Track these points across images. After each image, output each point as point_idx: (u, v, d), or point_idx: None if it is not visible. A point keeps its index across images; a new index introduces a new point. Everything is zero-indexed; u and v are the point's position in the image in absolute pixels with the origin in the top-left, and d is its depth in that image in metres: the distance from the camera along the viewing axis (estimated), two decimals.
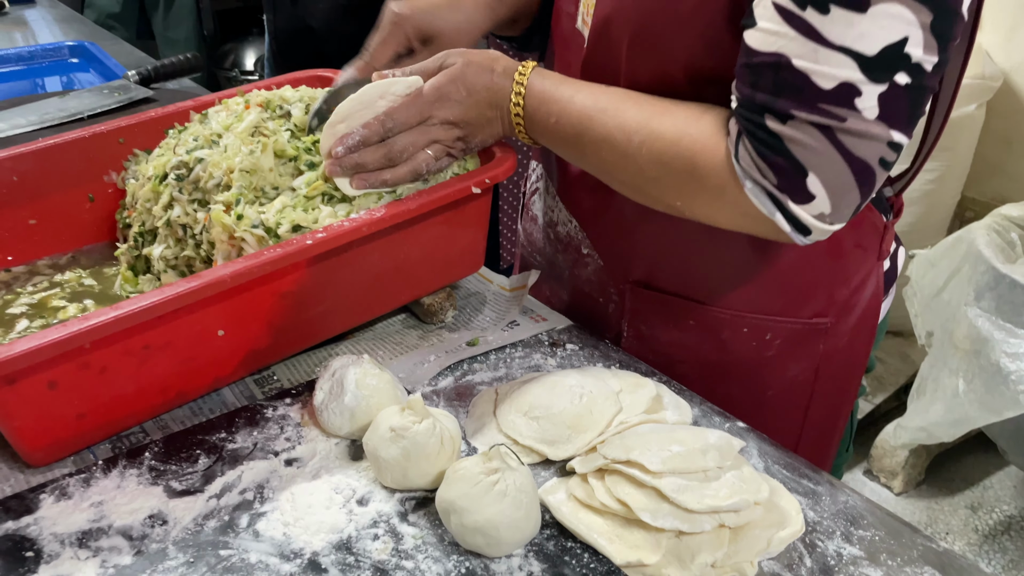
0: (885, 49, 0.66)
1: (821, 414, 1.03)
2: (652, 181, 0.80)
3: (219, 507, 0.74)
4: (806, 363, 0.98)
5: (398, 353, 0.96)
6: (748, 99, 0.73)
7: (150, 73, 1.64)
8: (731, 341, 0.96)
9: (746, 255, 0.92)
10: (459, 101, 0.86)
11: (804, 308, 0.95)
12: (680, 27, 0.80)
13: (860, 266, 0.95)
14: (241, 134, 0.95)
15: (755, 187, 0.74)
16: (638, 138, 0.80)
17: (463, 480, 0.69)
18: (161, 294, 0.75)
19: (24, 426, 0.75)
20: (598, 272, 1.04)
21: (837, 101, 0.68)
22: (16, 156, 1.02)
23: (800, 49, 0.68)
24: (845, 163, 0.71)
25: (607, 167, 0.85)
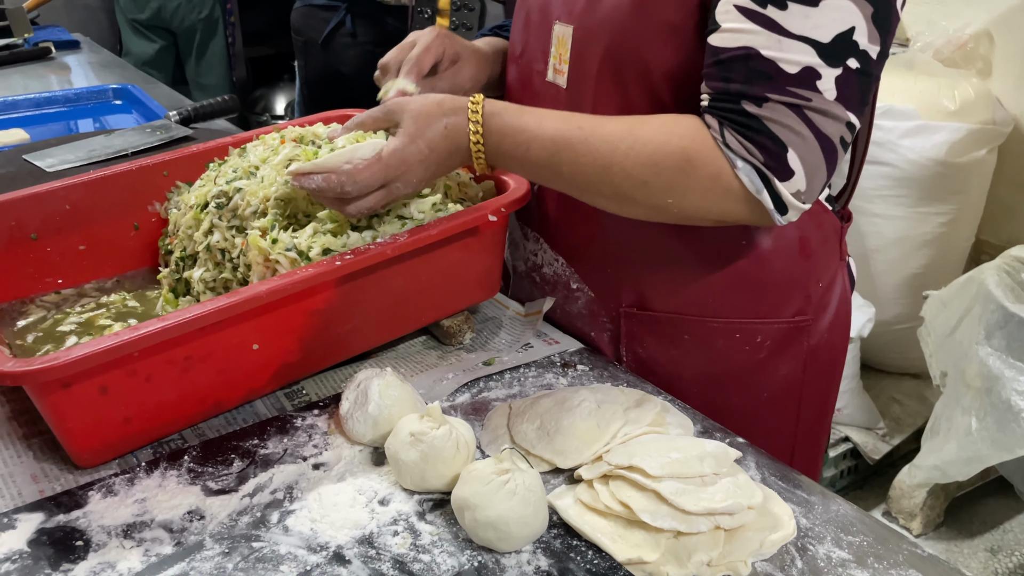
0: (837, 37, 0.78)
1: (812, 412, 1.09)
2: (641, 185, 0.85)
3: (252, 505, 0.80)
4: (794, 361, 1.04)
5: (418, 371, 1.02)
6: (723, 91, 0.82)
7: (190, 114, 1.74)
8: (726, 349, 1.02)
9: (730, 263, 0.99)
10: (422, 161, 0.89)
11: (786, 307, 1.02)
12: (660, 45, 0.89)
13: (827, 265, 1.04)
14: (277, 166, 1.03)
15: (746, 165, 0.81)
16: (624, 145, 0.85)
17: (476, 479, 0.74)
18: (203, 308, 0.82)
19: (76, 428, 0.81)
20: (590, 304, 1.08)
21: (802, 84, 0.79)
22: (69, 187, 1.10)
23: (766, 41, 0.79)
24: (815, 140, 0.80)
25: (588, 181, 0.88)
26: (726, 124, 0.82)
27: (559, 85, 1.01)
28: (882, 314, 2.46)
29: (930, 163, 2.35)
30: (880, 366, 2.71)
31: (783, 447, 1.06)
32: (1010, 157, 2.51)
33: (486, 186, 1.06)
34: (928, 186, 2.39)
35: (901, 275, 2.52)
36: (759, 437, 0.90)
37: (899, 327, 2.56)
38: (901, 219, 2.43)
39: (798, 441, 1.07)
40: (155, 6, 3.57)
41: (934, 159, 2.34)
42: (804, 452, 0.94)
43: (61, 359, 0.75)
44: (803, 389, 1.06)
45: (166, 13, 3.60)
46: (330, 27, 2.78)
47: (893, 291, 2.54)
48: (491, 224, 1.00)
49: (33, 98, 2.01)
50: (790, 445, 1.06)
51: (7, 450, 0.88)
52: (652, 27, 0.89)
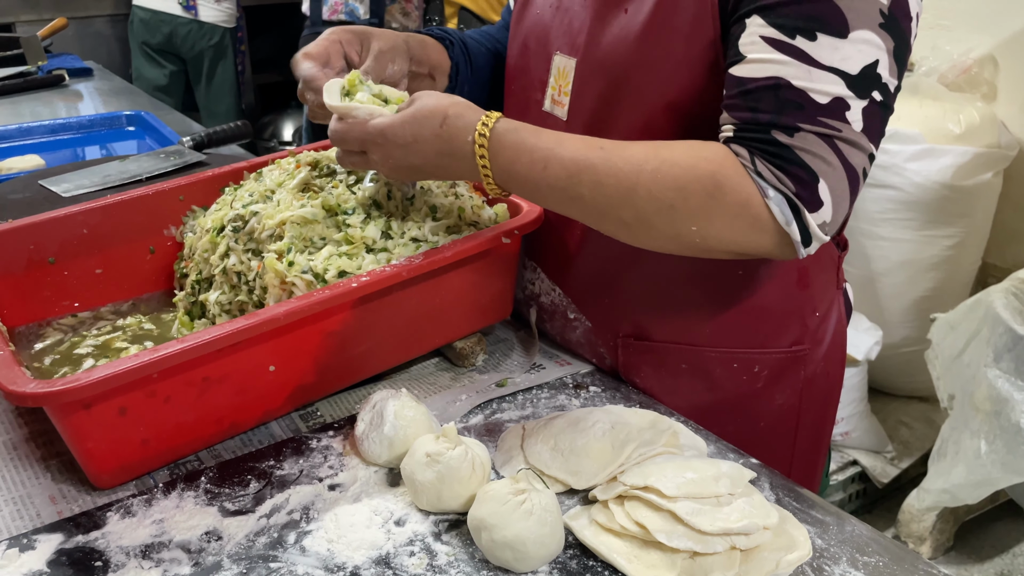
0: (864, 69, 0.79)
1: (808, 440, 1.09)
2: (667, 209, 0.81)
3: (269, 525, 0.80)
4: (791, 391, 1.04)
5: (432, 392, 1.02)
6: (751, 121, 0.81)
7: (203, 139, 1.76)
8: (722, 379, 1.02)
9: (729, 293, 0.99)
10: (403, 147, 0.88)
11: (783, 337, 1.02)
12: (665, 78, 0.89)
13: (824, 295, 1.04)
14: (292, 190, 1.05)
15: (777, 195, 0.80)
16: (650, 167, 0.82)
17: (493, 499, 0.75)
18: (222, 329, 0.83)
19: (95, 449, 0.82)
20: (587, 333, 1.08)
21: (832, 114, 0.79)
22: (87, 211, 1.12)
23: (796, 71, 0.79)
24: (844, 170, 0.80)
25: (609, 204, 0.84)
26: (756, 153, 0.80)
27: (557, 116, 1.01)
28: (889, 337, 2.47)
29: (936, 186, 2.36)
30: (887, 389, 2.71)
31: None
32: (1016, 181, 2.52)
33: (499, 209, 1.07)
34: (934, 209, 2.40)
35: (908, 298, 2.53)
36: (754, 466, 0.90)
37: (906, 350, 2.56)
38: (907, 242, 2.44)
39: (794, 469, 1.07)
40: (166, 31, 3.62)
41: (940, 182, 2.36)
42: (801, 481, 0.94)
43: (83, 380, 0.76)
44: (799, 418, 1.06)
45: (177, 39, 3.65)
46: None
47: (900, 314, 2.55)
48: (504, 246, 1.01)
49: (48, 124, 2.04)
50: (786, 474, 1.06)
51: (25, 471, 0.88)
52: (657, 62, 0.89)
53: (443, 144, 0.88)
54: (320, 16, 2.84)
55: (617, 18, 0.93)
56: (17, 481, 0.87)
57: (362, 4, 2.74)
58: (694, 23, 0.86)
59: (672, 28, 0.88)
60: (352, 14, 2.77)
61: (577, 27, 0.98)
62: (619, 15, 0.93)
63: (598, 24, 0.95)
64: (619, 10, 0.93)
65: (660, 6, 0.89)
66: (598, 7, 0.96)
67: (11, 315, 1.07)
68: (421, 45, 1.11)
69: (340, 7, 2.79)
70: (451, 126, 0.88)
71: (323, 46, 1.02)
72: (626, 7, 0.92)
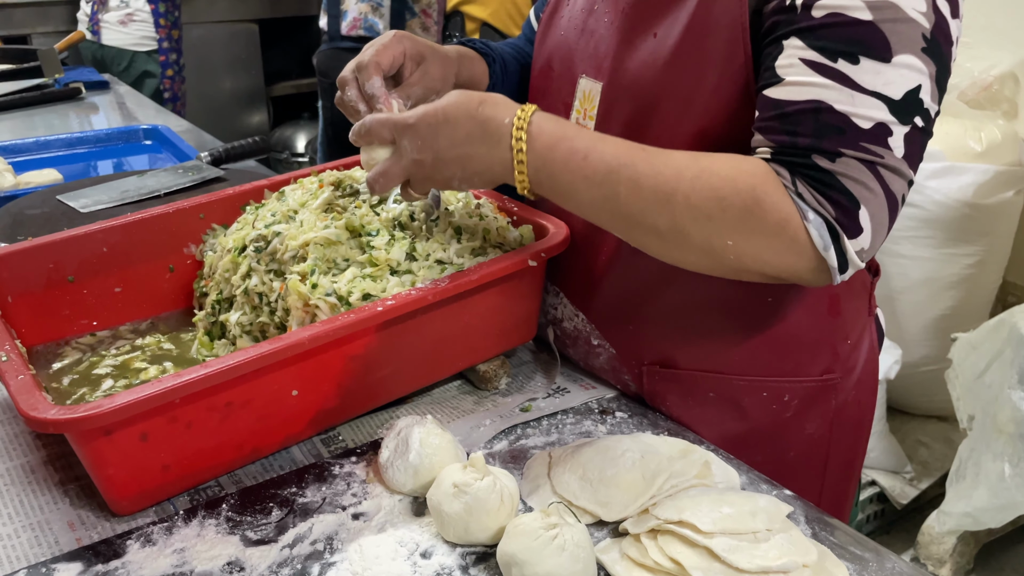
0: (907, 94, 0.76)
1: (838, 470, 1.06)
2: (705, 219, 0.79)
3: (292, 556, 0.78)
4: (821, 420, 1.02)
5: (455, 417, 1.00)
6: (789, 145, 0.79)
7: (221, 154, 1.75)
8: (751, 408, 1.00)
9: (758, 320, 0.97)
10: (432, 126, 0.84)
11: (814, 366, 0.99)
12: (696, 104, 0.87)
13: (855, 322, 1.01)
14: (315, 210, 1.03)
15: (817, 218, 0.77)
16: (690, 173, 0.79)
17: (524, 534, 0.73)
18: (246, 354, 0.81)
19: (116, 475, 0.80)
20: (611, 360, 1.05)
21: (875, 139, 0.76)
22: (106, 229, 1.10)
23: (838, 95, 0.76)
24: (885, 197, 0.78)
25: (645, 208, 0.81)
26: (797, 175, 0.79)
27: None
28: (908, 356, 2.44)
29: (957, 204, 2.34)
30: (906, 408, 2.68)
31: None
32: None
33: (524, 230, 1.05)
34: (955, 227, 2.37)
35: (927, 317, 2.50)
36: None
37: (925, 369, 2.53)
38: (928, 260, 2.41)
39: (824, 501, 1.04)
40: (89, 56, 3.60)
41: (961, 200, 2.33)
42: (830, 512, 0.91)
43: (105, 406, 0.75)
44: (829, 448, 1.03)
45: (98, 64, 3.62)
46: None
47: (919, 333, 2.52)
48: (530, 268, 0.99)
49: (65, 138, 2.03)
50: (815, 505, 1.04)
51: (43, 495, 0.87)
52: (687, 87, 0.87)
53: (476, 126, 0.84)
54: (339, 31, 2.84)
55: (645, 42, 0.91)
56: (35, 506, 0.85)
57: (382, 19, 2.74)
58: (726, 47, 0.84)
59: (703, 53, 0.86)
60: (371, 29, 2.77)
61: (603, 51, 0.97)
62: (647, 39, 0.91)
63: (625, 48, 0.93)
64: (647, 34, 0.91)
65: (690, 31, 0.86)
66: (625, 31, 0.94)
67: (29, 334, 1.05)
68: (469, 64, 1.09)
69: (359, 22, 2.79)
70: (488, 108, 0.84)
71: (392, 56, 0.99)
72: (655, 31, 0.90)
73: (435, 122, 0.84)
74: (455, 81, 1.07)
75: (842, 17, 0.76)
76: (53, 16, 3.99)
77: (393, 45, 0.99)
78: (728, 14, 0.83)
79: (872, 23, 0.75)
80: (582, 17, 1.01)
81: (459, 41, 1.16)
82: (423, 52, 1.03)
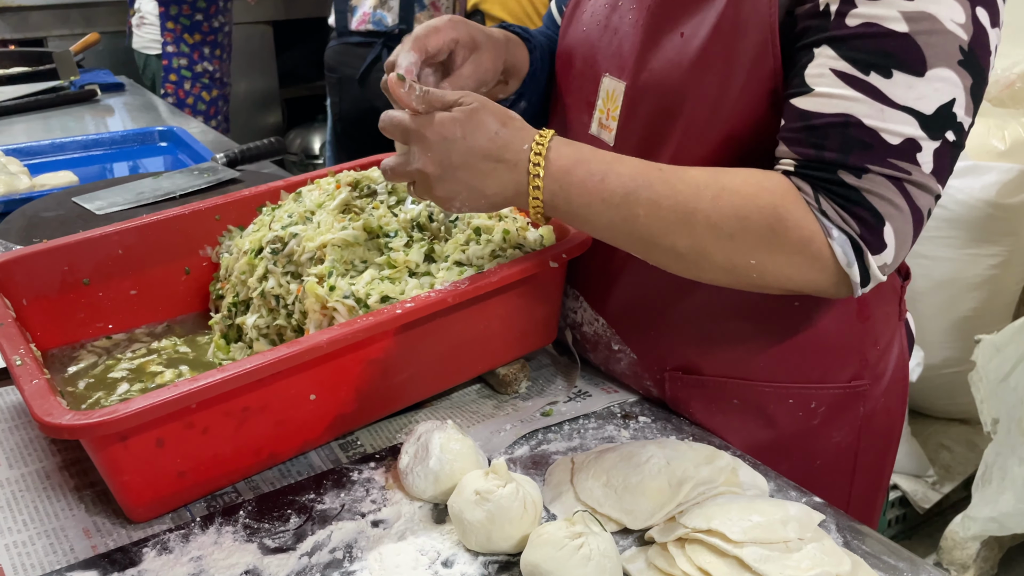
0: (939, 108, 0.74)
1: (866, 480, 1.03)
2: (726, 239, 0.78)
3: (311, 565, 0.77)
4: (849, 428, 0.99)
5: (475, 421, 0.99)
6: (815, 159, 0.77)
7: (236, 156, 1.74)
8: (777, 415, 0.97)
9: (784, 325, 0.94)
10: (447, 139, 0.81)
11: (842, 372, 0.97)
12: (721, 106, 0.84)
13: (885, 327, 0.99)
14: (333, 211, 1.02)
15: (841, 235, 0.76)
16: (710, 192, 0.78)
17: (548, 544, 0.71)
18: (263, 358, 0.79)
19: (131, 481, 0.79)
20: (632, 366, 1.03)
21: (903, 156, 0.74)
22: (122, 231, 1.09)
23: (868, 110, 0.74)
24: (911, 213, 0.76)
25: (665, 228, 0.80)
26: (820, 191, 0.77)
27: (604, 140, 0.97)
28: (930, 358, 2.40)
29: (980, 204, 2.30)
30: (928, 411, 2.64)
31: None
32: None
33: (545, 231, 1.03)
34: (978, 227, 2.33)
35: (950, 318, 2.46)
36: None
37: (948, 371, 2.49)
38: (950, 261, 2.38)
39: (851, 511, 1.01)
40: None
41: (984, 200, 2.29)
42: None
43: (120, 412, 0.73)
44: (857, 457, 1.00)
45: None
46: (367, 62, 2.80)
47: (942, 335, 2.48)
48: (550, 270, 0.98)
49: (80, 140, 2.03)
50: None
51: (59, 502, 0.86)
52: (713, 89, 0.84)
53: (495, 148, 0.81)
54: (347, 26, 2.82)
55: (671, 41, 0.88)
56: (50, 512, 0.84)
57: (390, 12, 2.72)
58: (755, 49, 0.82)
59: (731, 54, 0.83)
60: (380, 23, 2.75)
61: (627, 49, 0.94)
62: (673, 38, 0.88)
63: (649, 47, 0.91)
64: (673, 33, 0.88)
65: (719, 31, 0.83)
66: (650, 29, 0.91)
67: (45, 337, 1.04)
68: (515, 50, 1.05)
69: (368, 16, 2.77)
70: (509, 131, 0.82)
71: (441, 41, 0.93)
72: (681, 31, 0.87)
73: (451, 136, 0.81)
74: (507, 67, 1.04)
75: (877, 28, 0.74)
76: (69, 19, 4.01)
77: (446, 30, 0.94)
78: (758, 14, 0.80)
79: (908, 35, 0.73)
80: (605, 13, 0.98)
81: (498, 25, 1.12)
82: (477, 40, 0.97)
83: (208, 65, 3.54)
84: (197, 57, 3.51)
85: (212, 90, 3.60)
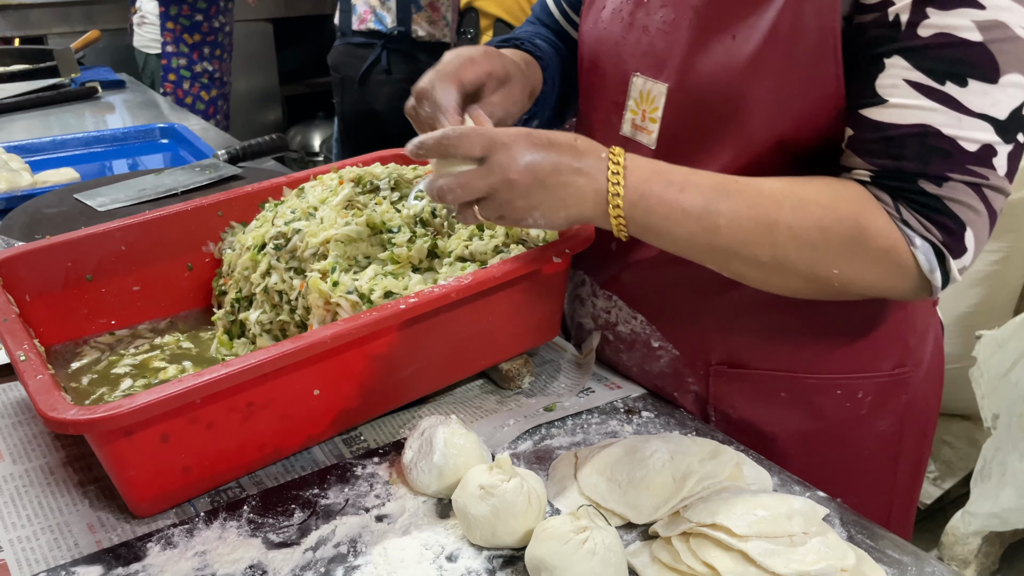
0: (1012, 112, 0.75)
1: (909, 467, 1.03)
2: (809, 248, 0.78)
3: (315, 559, 0.77)
4: (892, 416, 0.99)
5: (478, 417, 0.99)
6: (893, 169, 0.77)
7: (238, 152, 1.74)
8: (825, 406, 0.97)
9: (830, 316, 0.94)
10: (538, 145, 0.79)
11: (886, 360, 0.97)
12: (775, 112, 0.83)
13: (921, 313, 0.99)
14: (336, 207, 1.02)
15: (924, 243, 0.77)
16: (789, 203, 0.79)
17: (553, 538, 0.71)
18: (267, 353, 0.79)
19: (136, 477, 0.79)
20: (674, 363, 1.01)
21: (981, 162, 0.75)
22: (125, 227, 1.09)
23: (945, 119, 0.75)
24: (988, 216, 0.77)
25: (746, 239, 0.79)
26: (900, 200, 0.77)
27: (641, 143, 0.94)
28: None
29: None
30: None
31: (880, 506, 1.01)
32: None
33: None
34: None
35: (951, 314, 2.46)
36: (855, 496, 0.86)
37: (949, 367, 2.46)
38: None
39: (895, 499, 1.02)
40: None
41: None
42: (901, 510, 0.89)
43: (125, 407, 0.73)
44: (900, 444, 1.01)
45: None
46: (367, 64, 2.80)
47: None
48: (554, 266, 0.98)
49: (82, 137, 2.03)
50: (887, 503, 1.01)
51: (63, 497, 0.86)
52: (767, 94, 0.83)
53: (574, 157, 0.80)
54: (350, 26, 2.83)
55: (721, 43, 0.86)
56: (54, 508, 0.84)
57: (389, 12, 2.72)
58: (813, 54, 0.80)
59: (787, 59, 0.81)
60: (380, 22, 2.75)
61: (662, 47, 0.91)
62: (723, 40, 0.85)
63: (698, 48, 0.88)
64: (724, 35, 0.85)
65: (775, 35, 0.81)
66: (698, 30, 0.88)
67: (48, 333, 1.04)
68: (533, 73, 1.03)
69: (368, 16, 2.77)
70: (584, 142, 0.81)
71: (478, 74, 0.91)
72: (733, 33, 0.85)
73: (540, 144, 0.79)
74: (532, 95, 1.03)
75: (951, 38, 0.74)
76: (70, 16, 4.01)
77: (482, 62, 0.91)
78: (819, 19, 0.79)
79: (982, 44, 0.73)
80: (628, 9, 0.96)
81: (503, 40, 1.09)
82: (510, 73, 0.95)
83: (208, 65, 3.53)
84: (196, 57, 3.50)
85: (211, 90, 3.59)
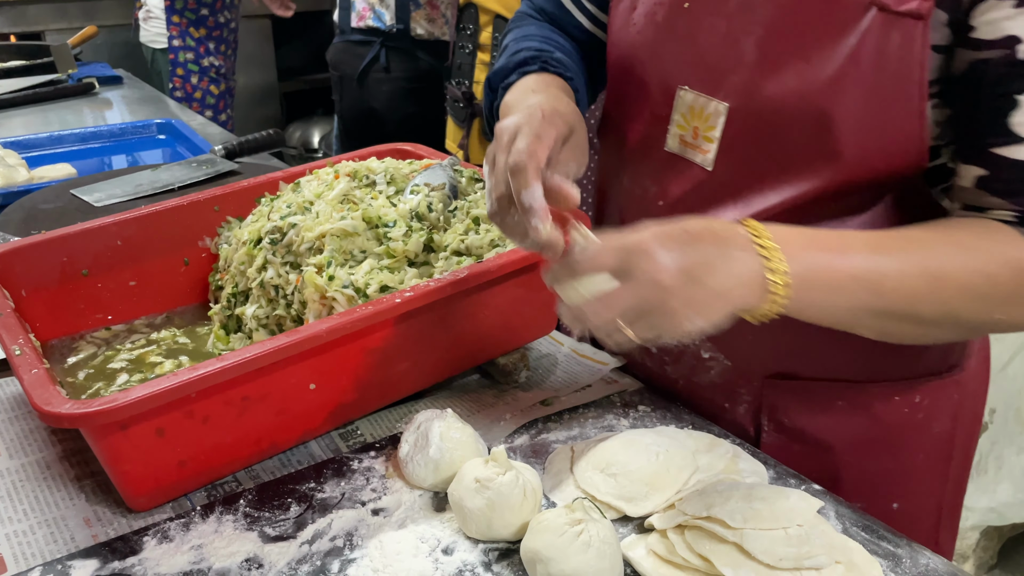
0: None
1: (958, 467, 1.02)
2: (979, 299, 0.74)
3: (311, 552, 0.77)
4: (946, 417, 0.97)
5: (475, 411, 0.99)
6: None
7: (235, 148, 1.74)
8: (883, 413, 0.95)
9: None
10: (673, 238, 0.68)
11: (941, 363, 0.95)
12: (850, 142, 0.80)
13: None
14: (332, 201, 1.02)
15: None
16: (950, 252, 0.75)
17: (548, 530, 0.71)
18: (263, 347, 0.79)
19: (132, 471, 0.79)
20: (725, 374, 0.98)
21: None
22: (121, 222, 1.09)
23: None
24: None
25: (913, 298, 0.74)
26: None
27: (693, 161, 0.90)
28: None
29: None
30: None
31: (931, 509, 0.99)
32: None
33: None
34: None
35: None
36: (909, 500, 0.83)
37: None
38: None
39: (945, 502, 0.99)
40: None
41: None
42: (950, 513, 0.86)
43: (120, 401, 0.73)
44: (953, 445, 0.99)
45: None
46: (365, 62, 2.80)
47: None
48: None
49: (78, 133, 2.03)
50: (937, 507, 0.99)
51: (59, 491, 0.86)
52: (845, 123, 0.79)
53: (716, 234, 0.70)
54: (349, 23, 2.82)
55: (793, 66, 0.81)
56: (51, 502, 0.84)
57: (388, 10, 2.72)
58: (896, 84, 0.77)
59: (867, 90, 0.78)
60: (378, 19, 2.75)
61: (715, 62, 0.87)
62: (795, 63, 0.81)
63: (767, 69, 0.83)
64: (796, 58, 0.81)
65: (855, 61, 0.78)
66: (764, 49, 0.83)
67: (44, 328, 1.04)
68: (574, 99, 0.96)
69: (367, 13, 2.76)
70: (720, 224, 0.72)
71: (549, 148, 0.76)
72: (807, 56, 0.80)
73: (680, 238, 0.68)
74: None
75: None
76: (67, 12, 4.00)
77: (547, 133, 0.77)
78: (906, 51, 0.76)
79: None
80: (663, 13, 0.91)
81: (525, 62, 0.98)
82: (572, 124, 0.84)
83: (215, 60, 3.52)
84: (203, 51, 3.49)
85: (220, 84, 3.59)
